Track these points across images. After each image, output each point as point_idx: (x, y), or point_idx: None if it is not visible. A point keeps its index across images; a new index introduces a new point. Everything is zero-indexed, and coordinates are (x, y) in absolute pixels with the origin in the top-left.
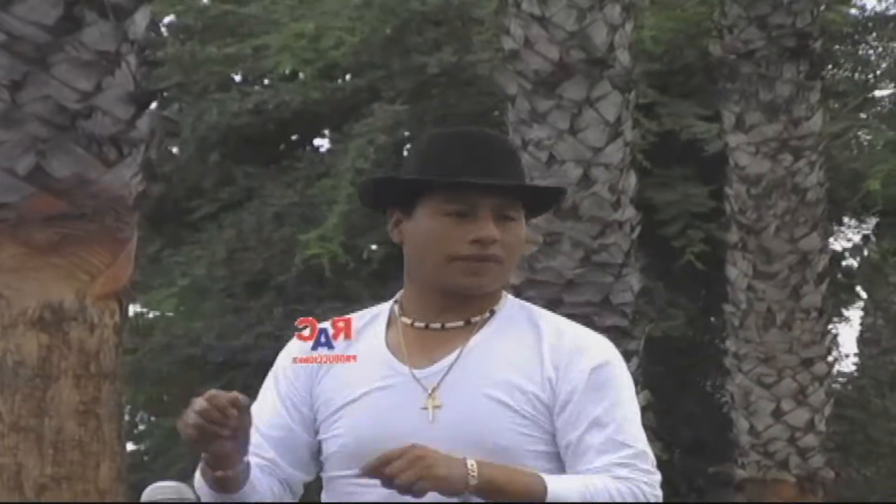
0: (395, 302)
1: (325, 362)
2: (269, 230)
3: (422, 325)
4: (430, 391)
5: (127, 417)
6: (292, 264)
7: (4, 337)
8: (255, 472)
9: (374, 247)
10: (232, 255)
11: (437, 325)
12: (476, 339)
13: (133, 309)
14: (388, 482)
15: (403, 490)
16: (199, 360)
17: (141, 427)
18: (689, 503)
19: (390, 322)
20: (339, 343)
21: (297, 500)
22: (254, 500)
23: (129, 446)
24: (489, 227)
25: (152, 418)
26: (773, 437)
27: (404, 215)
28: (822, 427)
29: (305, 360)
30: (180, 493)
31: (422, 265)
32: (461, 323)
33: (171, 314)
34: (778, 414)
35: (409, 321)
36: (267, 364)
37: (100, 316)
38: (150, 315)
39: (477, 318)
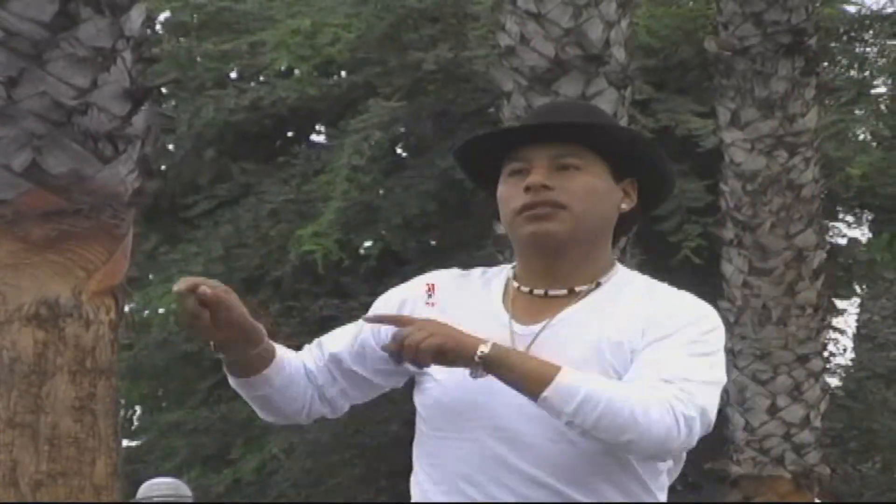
0: (512, 267)
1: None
2: (266, 227)
3: (527, 290)
4: (524, 349)
5: (123, 413)
6: (288, 260)
7: (0, 333)
8: (290, 361)
9: (368, 243)
10: (228, 251)
11: (541, 292)
12: (575, 307)
13: (129, 305)
14: (398, 348)
15: (412, 352)
16: (196, 356)
17: (137, 423)
18: (684, 501)
19: (507, 285)
20: (433, 296)
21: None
22: (277, 384)
23: (125, 442)
24: (538, 174)
25: (149, 415)
26: (768, 433)
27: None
28: (817, 423)
29: (431, 304)
30: (177, 489)
31: (506, 229)
32: (564, 291)
33: (162, 310)
34: (773, 410)
35: (517, 286)
36: None
37: (96, 312)
38: (146, 312)
39: (582, 288)
